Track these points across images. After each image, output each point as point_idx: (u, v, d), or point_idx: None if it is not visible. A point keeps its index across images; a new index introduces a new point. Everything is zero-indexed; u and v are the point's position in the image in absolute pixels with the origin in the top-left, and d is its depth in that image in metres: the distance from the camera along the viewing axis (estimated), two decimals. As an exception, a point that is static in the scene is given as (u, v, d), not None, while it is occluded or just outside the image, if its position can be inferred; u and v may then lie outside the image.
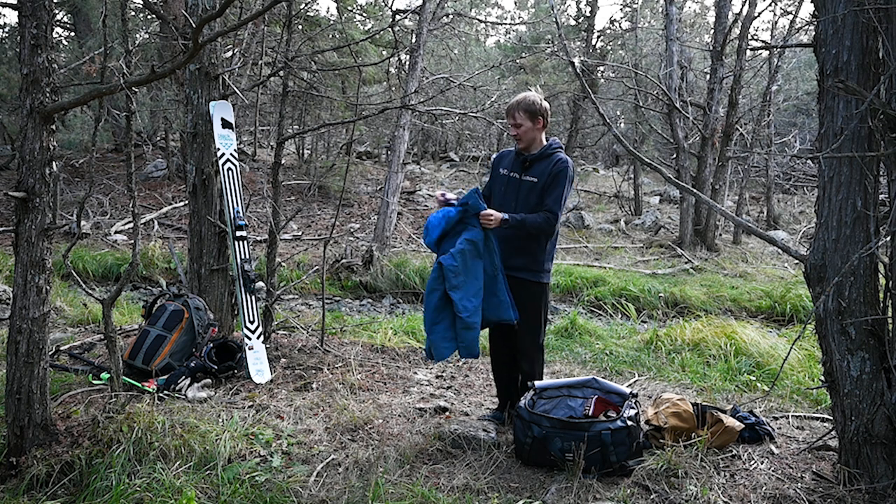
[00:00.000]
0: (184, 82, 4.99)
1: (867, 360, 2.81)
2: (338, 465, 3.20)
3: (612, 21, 28.49)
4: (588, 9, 18.92)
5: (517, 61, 16.81)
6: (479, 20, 16.15)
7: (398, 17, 9.64)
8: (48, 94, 2.95)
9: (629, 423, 3.15)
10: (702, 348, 5.41)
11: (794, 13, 11.20)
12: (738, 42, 11.18)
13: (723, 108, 11.60)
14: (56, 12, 10.18)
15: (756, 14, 10.93)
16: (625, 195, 16.16)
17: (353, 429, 3.59)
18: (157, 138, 15.39)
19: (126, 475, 2.90)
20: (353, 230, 12.29)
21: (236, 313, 4.84)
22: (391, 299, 8.99)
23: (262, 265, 5.94)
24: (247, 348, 4.35)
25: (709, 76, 11.97)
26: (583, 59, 16.52)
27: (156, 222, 11.47)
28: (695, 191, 3.62)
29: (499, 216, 3.40)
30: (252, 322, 4.50)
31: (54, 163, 3.03)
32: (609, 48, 19.91)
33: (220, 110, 4.66)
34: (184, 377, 3.99)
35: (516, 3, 24.08)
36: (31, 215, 2.96)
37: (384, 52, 12.71)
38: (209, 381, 4.09)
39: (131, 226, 8.88)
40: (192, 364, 4.11)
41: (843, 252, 2.81)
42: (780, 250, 5.57)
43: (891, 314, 2.85)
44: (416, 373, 4.75)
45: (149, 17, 13.09)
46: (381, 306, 8.66)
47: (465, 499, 2.90)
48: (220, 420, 3.49)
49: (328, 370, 4.52)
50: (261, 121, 14.41)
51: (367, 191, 15.16)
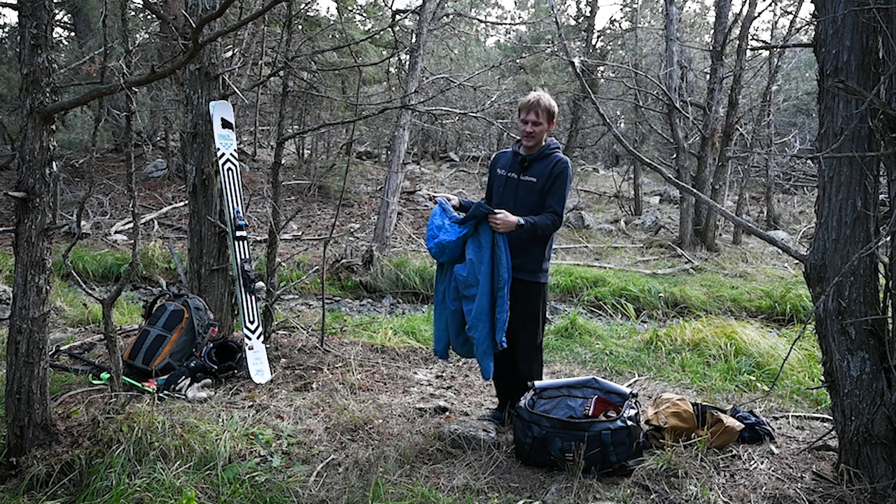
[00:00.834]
0: (184, 82, 4.99)
1: (867, 360, 2.81)
2: (338, 465, 3.20)
3: (612, 21, 28.48)
4: (588, 9, 18.91)
5: (517, 61, 16.80)
6: (479, 20, 16.15)
7: (398, 17, 9.65)
8: (48, 94, 2.95)
9: (629, 423, 3.15)
10: (702, 348, 5.41)
11: (794, 13, 11.20)
12: (738, 42, 11.18)
13: (723, 108, 11.60)
14: (56, 12, 10.18)
15: (756, 14, 10.93)
16: (625, 195, 16.16)
17: (353, 429, 3.59)
18: (157, 138, 15.39)
19: (126, 475, 2.90)
20: (353, 230, 12.29)
21: (236, 313, 4.84)
22: (391, 299, 8.99)
23: (262, 265, 5.94)
24: (247, 348, 4.35)
25: (709, 76, 11.97)
26: (583, 59, 16.52)
27: (156, 222, 11.47)
28: (695, 191, 3.62)
29: (512, 219, 3.31)
30: (252, 322, 4.50)
31: (54, 163, 3.03)
32: (609, 48, 19.89)
33: (220, 110, 4.66)
34: (184, 377, 3.99)
35: (516, 3, 24.08)
36: (31, 215, 2.96)
37: (384, 52, 12.70)
38: (209, 381, 4.09)
39: (131, 226, 8.88)
40: (192, 364, 4.11)
41: (843, 252, 2.81)
42: (780, 250, 5.57)
43: (891, 314, 2.85)
44: (416, 373, 4.75)
45: (149, 17, 13.09)
46: (381, 306, 8.66)
47: (465, 499, 2.90)
48: (220, 420, 3.49)
49: (328, 370, 4.52)
50: (261, 121, 14.41)
51: (367, 191, 15.16)
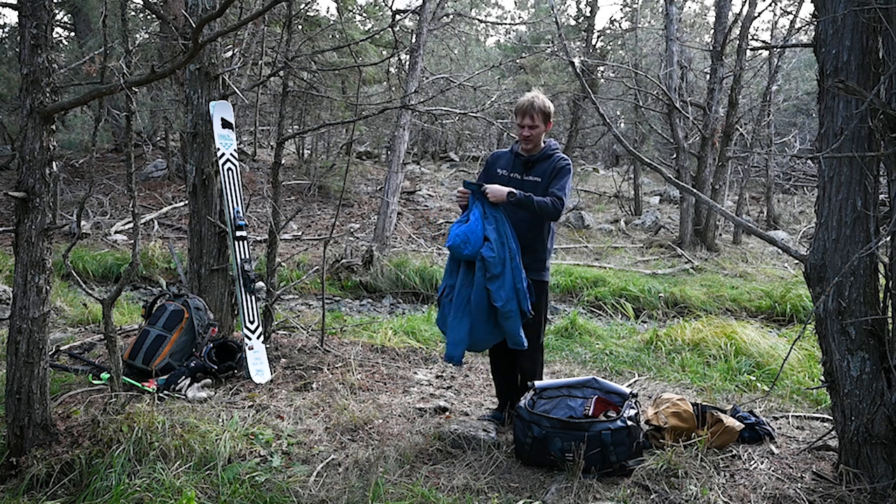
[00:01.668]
0: (184, 82, 4.99)
1: (867, 360, 2.81)
2: (338, 465, 3.20)
3: (612, 21, 28.51)
4: (588, 9, 18.92)
5: (517, 61, 16.80)
6: (479, 20, 16.15)
7: (398, 17, 9.64)
8: (48, 94, 2.95)
9: (629, 423, 3.15)
10: (702, 348, 5.41)
11: (794, 13, 11.20)
12: (738, 42, 11.18)
13: (723, 108, 11.60)
14: (56, 12, 10.19)
15: (756, 14, 10.93)
16: (625, 195, 16.16)
17: (353, 429, 3.59)
18: (157, 138, 15.39)
19: (126, 475, 2.90)
20: (353, 230, 12.29)
21: (236, 313, 4.84)
22: (391, 299, 8.99)
23: (262, 265, 5.94)
24: (247, 348, 4.35)
25: (709, 76, 11.97)
26: (583, 59, 16.52)
27: (156, 222, 11.47)
28: (695, 191, 3.63)
29: (503, 190, 3.33)
30: (252, 322, 4.50)
31: (54, 163, 3.03)
32: (609, 48, 19.90)
33: (220, 110, 4.66)
34: (184, 377, 3.99)
35: (516, 3, 24.08)
36: (31, 215, 2.96)
37: (384, 52, 12.70)
38: (209, 381, 4.09)
39: (131, 226, 8.88)
40: (192, 364, 4.11)
41: (843, 252, 2.81)
42: (780, 250, 5.57)
43: (891, 314, 2.85)
44: (416, 373, 4.75)
45: (149, 17, 13.09)
46: (381, 306, 8.66)
47: (465, 499, 2.90)
48: (220, 420, 3.49)
49: (328, 370, 4.52)
50: (261, 121, 14.41)
51: (367, 191, 15.16)
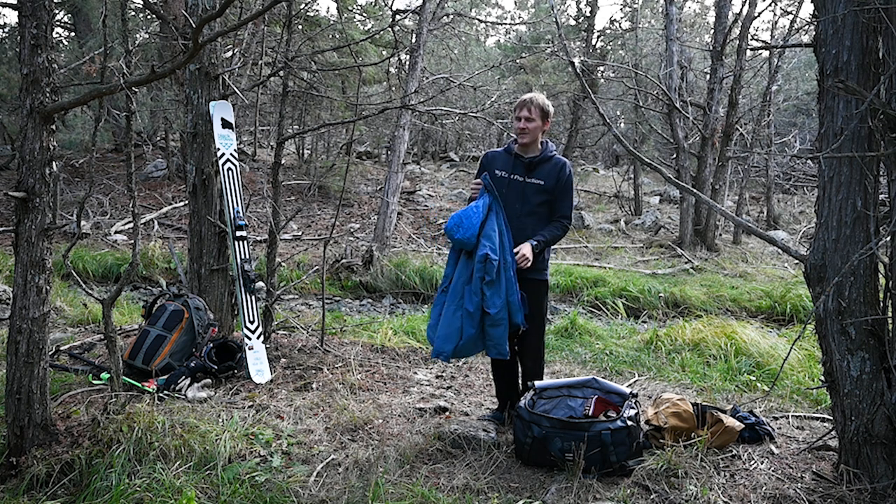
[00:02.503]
0: (184, 82, 4.99)
1: (867, 360, 2.81)
2: (338, 465, 3.20)
3: (612, 21, 28.47)
4: (588, 9, 18.91)
5: (517, 61, 16.80)
6: (479, 20, 16.14)
7: (398, 17, 9.64)
8: (48, 94, 2.95)
9: (629, 423, 3.15)
10: (702, 348, 5.41)
11: (794, 13, 11.20)
12: (738, 42, 11.18)
13: (723, 108, 11.60)
14: (56, 12, 10.18)
15: (756, 14, 10.93)
16: (625, 195, 16.16)
17: (353, 429, 3.59)
18: (157, 138, 15.39)
19: (126, 475, 2.90)
20: (353, 230, 12.29)
21: (236, 313, 4.83)
22: (391, 299, 8.99)
23: (262, 265, 5.94)
24: (247, 348, 4.35)
25: (709, 76, 11.97)
26: (583, 59, 16.52)
27: (156, 222, 11.47)
28: (695, 191, 3.63)
29: (527, 250, 3.40)
30: (252, 322, 4.50)
31: (54, 163, 3.03)
32: (609, 48, 19.89)
33: (220, 110, 4.66)
34: (184, 377, 3.99)
35: (516, 3, 24.08)
36: (31, 215, 2.96)
37: (384, 52, 12.70)
38: (209, 381, 4.09)
39: (131, 226, 8.88)
40: (192, 364, 4.11)
41: (843, 252, 2.81)
42: (780, 250, 5.57)
43: (891, 314, 2.85)
44: (416, 373, 4.75)
45: (149, 17, 13.09)
46: (381, 306, 8.66)
47: (465, 499, 2.90)
48: (220, 420, 3.49)
49: (328, 370, 4.52)
50: (261, 121, 14.41)
51: (367, 191, 15.16)
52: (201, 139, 4.71)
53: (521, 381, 3.79)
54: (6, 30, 14.91)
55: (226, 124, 4.68)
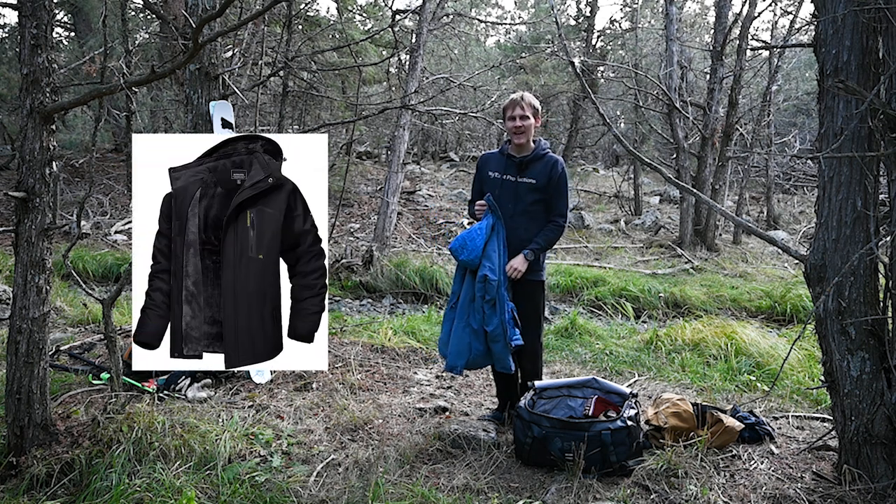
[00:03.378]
0: (184, 82, 4.99)
1: (867, 360, 2.81)
2: (338, 465, 3.20)
3: (612, 21, 28.46)
4: (588, 9, 18.93)
5: (517, 61, 16.81)
6: (479, 20, 16.15)
7: (398, 17, 9.64)
8: (48, 94, 2.95)
9: (629, 423, 3.15)
10: (702, 348, 5.41)
11: (794, 13, 11.19)
12: (738, 42, 11.17)
13: (723, 108, 11.60)
14: (56, 12, 10.19)
15: (756, 14, 10.92)
16: (625, 195, 16.16)
17: (353, 429, 3.59)
18: (157, 138, 15.36)
19: (126, 475, 2.90)
20: (353, 230, 12.29)
21: (236, 313, 4.83)
22: (391, 299, 8.99)
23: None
24: (247, 348, 4.34)
25: (709, 76, 11.97)
26: (583, 59, 16.52)
27: (156, 222, 11.46)
28: (695, 191, 3.63)
29: (520, 260, 3.46)
30: (252, 322, 4.49)
31: (54, 163, 3.03)
32: (609, 48, 19.91)
33: (220, 110, 4.66)
34: (184, 377, 3.99)
35: (516, 3, 24.09)
36: (31, 215, 2.96)
37: (384, 52, 12.71)
38: (209, 381, 4.08)
39: (131, 226, 8.87)
40: (192, 364, 4.10)
41: (843, 252, 2.81)
42: (780, 250, 5.57)
43: (891, 314, 2.85)
44: (416, 373, 4.75)
45: (149, 17, 13.09)
46: (381, 306, 8.66)
47: (465, 499, 2.90)
48: (220, 420, 3.49)
49: (328, 370, 4.52)
50: (261, 121, 14.37)
51: (367, 191, 15.16)
52: (201, 139, 4.70)
53: (520, 382, 3.79)
54: (6, 30, 14.93)
55: (226, 124, 4.67)
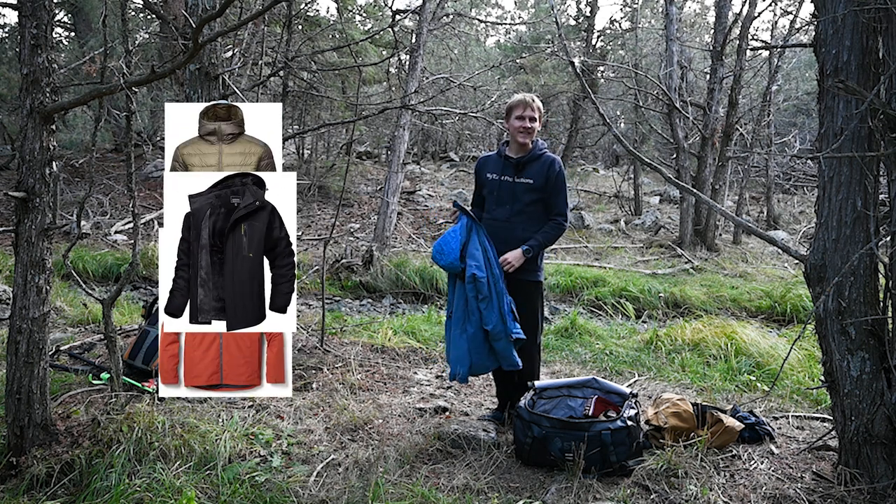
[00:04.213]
0: (184, 82, 4.99)
1: (867, 360, 2.81)
2: (338, 465, 3.20)
3: (612, 21, 28.45)
4: (588, 9, 18.91)
5: (517, 61, 16.81)
6: (479, 20, 16.15)
7: (398, 17, 9.63)
8: (48, 94, 2.95)
9: (629, 423, 3.15)
10: (702, 348, 5.41)
11: (794, 13, 11.20)
12: (738, 42, 11.17)
13: (723, 108, 11.60)
14: (56, 12, 10.18)
15: (756, 14, 10.92)
16: (625, 195, 16.16)
17: (353, 429, 3.59)
18: (157, 138, 15.38)
19: (126, 475, 2.90)
20: (353, 230, 12.30)
21: (236, 313, 4.83)
22: (391, 299, 8.99)
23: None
24: (247, 348, 4.34)
25: (709, 76, 11.97)
26: (583, 59, 16.52)
27: (156, 222, 11.46)
28: (695, 191, 3.63)
29: (517, 254, 3.45)
30: (252, 322, 4.49)
31: (54, 163, 3.03)
32: (609, 48, 19.89)
33: (220, 110, 4.65)
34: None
35: (516, 3, 24.08)
36: (31, 215, 2.96)
37: (384, 52, 12.71)
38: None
39: (131, 226, 8.88)
40: (192, 364, 4.10)
41: (843, 252, 2.81)
42: (780, 250, 5.58)
43: (891, 314, 2.85)
44: (416, 373, 4.75)
45: (149, 17, 13.09)
46: (381, 306, 8.66)
47: (465, 499, 2.90)
48: (220, 420, 3.49)
49: (328, 370, 4.52)
50: (261, 121, 14.36)
51: (367, 191, 15.16)
52: (201, 139, 4.70)
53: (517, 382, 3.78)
54: (6, 30, 14.92)
55: (226, 124, 4.67)
